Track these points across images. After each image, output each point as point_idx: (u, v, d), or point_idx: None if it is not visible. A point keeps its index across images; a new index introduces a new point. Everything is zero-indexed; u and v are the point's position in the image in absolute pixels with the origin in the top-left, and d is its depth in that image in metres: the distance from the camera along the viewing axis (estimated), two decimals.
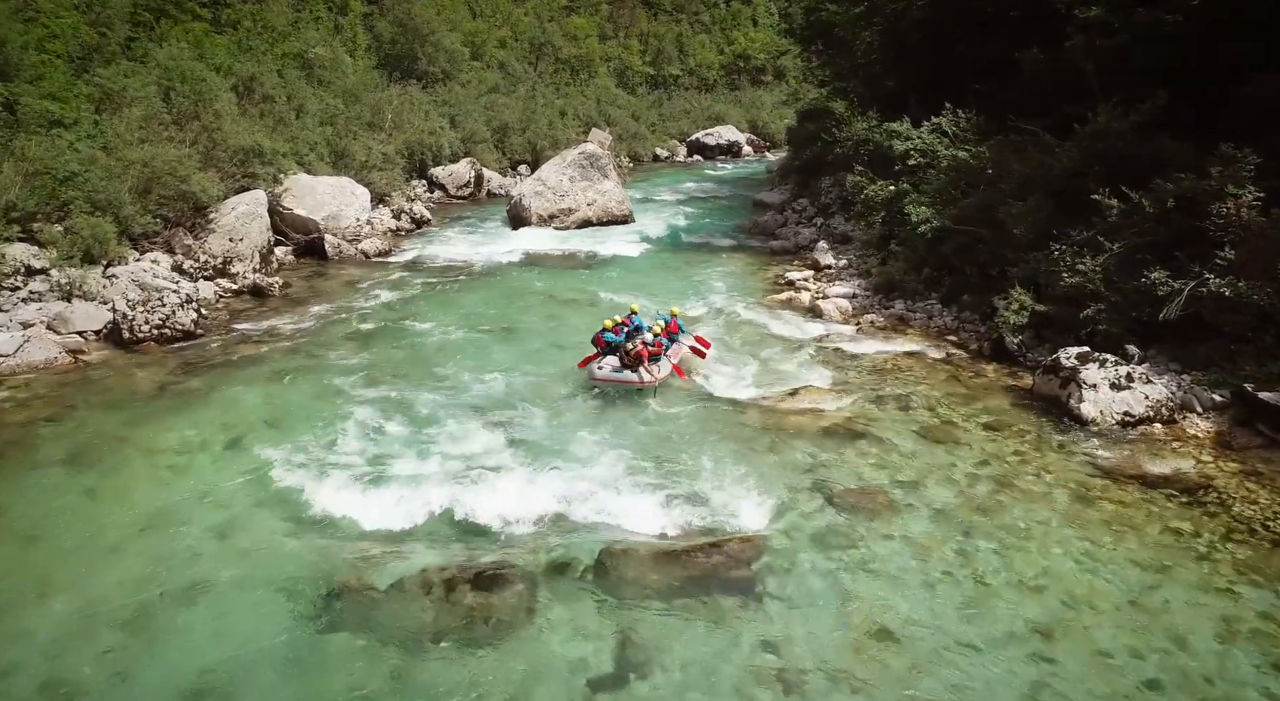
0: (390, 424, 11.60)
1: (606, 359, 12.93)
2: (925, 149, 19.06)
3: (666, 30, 62.29)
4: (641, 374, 12.49)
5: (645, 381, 12.55)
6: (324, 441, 11.02)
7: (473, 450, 10.79)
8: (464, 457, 10.56)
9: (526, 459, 10.59)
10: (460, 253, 23.58)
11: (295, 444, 10.95)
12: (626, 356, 12.62)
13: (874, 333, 15.77)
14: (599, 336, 13.26)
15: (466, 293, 19.31)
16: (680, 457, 10.73)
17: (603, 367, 12.78)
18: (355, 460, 10.50)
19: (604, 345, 13.14)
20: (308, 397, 12.77)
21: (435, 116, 36.47)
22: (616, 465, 10.44)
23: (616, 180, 28.93)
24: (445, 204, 32.93)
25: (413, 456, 10.57)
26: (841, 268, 20.49)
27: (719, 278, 20.65)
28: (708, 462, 10.52)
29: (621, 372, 12.64)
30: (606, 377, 12.73)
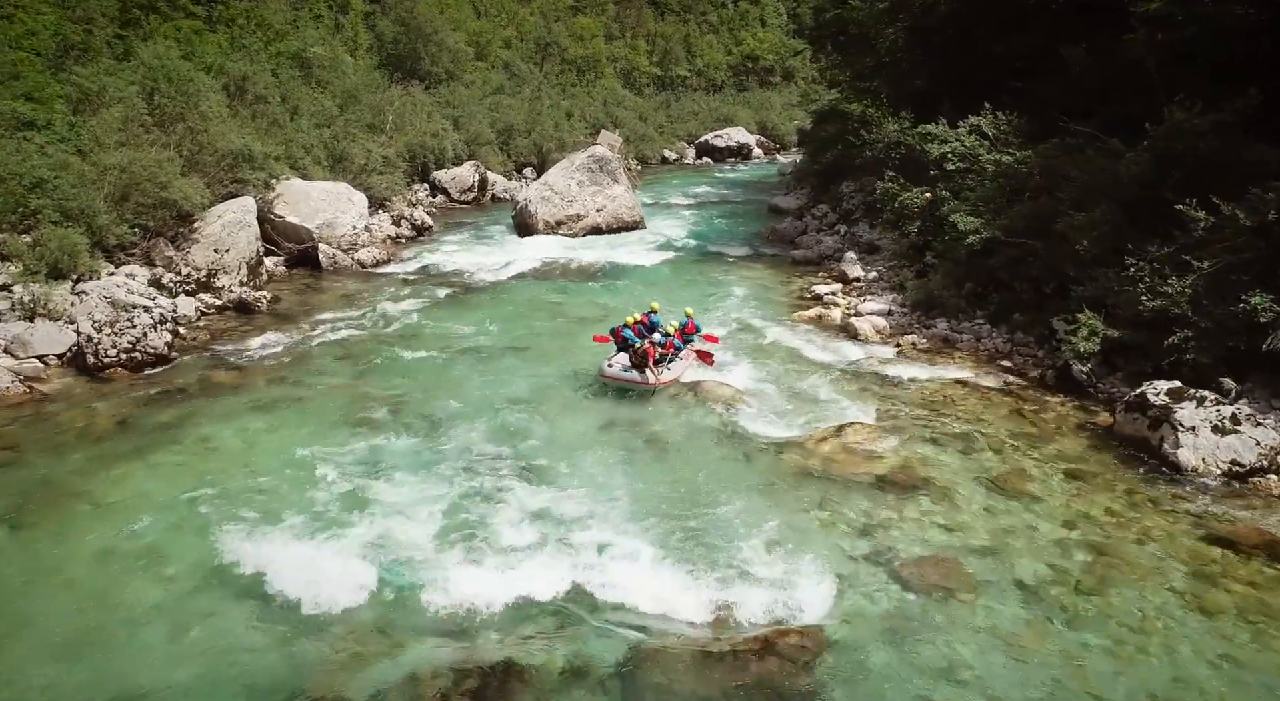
0: (379, 478, 9.90)
1: (618, 356, 12.79)
2: (964, 152, 17.38)
3: (674, 30, 60.58)
4: (648, 375, 12.29)
5: (650, 383, 12.32)
6: (301, 499, 9.34)
7: (473, 513, 9.11)
8: (462, 523, 8.89)
9: (535, 521, 8.94)
10: (463, 263, 21.93)
11: (267, 502, 9.31)
12: (634, 355, 12.38)
13: (917, 356, 14.09)
14: (618, 330, 13.11)
15: (468, 309, 17.67)
16: (715, 516, 9.07)
17: (613, 365, 12.63)
18: (336, 526, 8.82)
19: (621, 339, 12.95)
20: (287, 439, 11.11)
21: (438, 118, 34.85)
22: (641, 528, 8.78)
23: (627, 185, 27.28)
24: (448, 209, 31.30)
25: (403, 521, 8.89)
26: (871, 280, 18.82)
27: (740, 291, 18.98)
28: (747, 523, 8.87)
29: (629, 372, 12.41)
30: (615, 376, 12.53)
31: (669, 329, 13.30)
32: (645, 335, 12.91)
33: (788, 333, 15.69)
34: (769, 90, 63.34)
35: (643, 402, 12.44)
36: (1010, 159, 16.67)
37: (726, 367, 13.80)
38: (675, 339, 13.21)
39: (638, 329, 13.16)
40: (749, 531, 8.70)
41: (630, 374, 12.39)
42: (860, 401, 12.20)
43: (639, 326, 13.23)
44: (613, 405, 12.47)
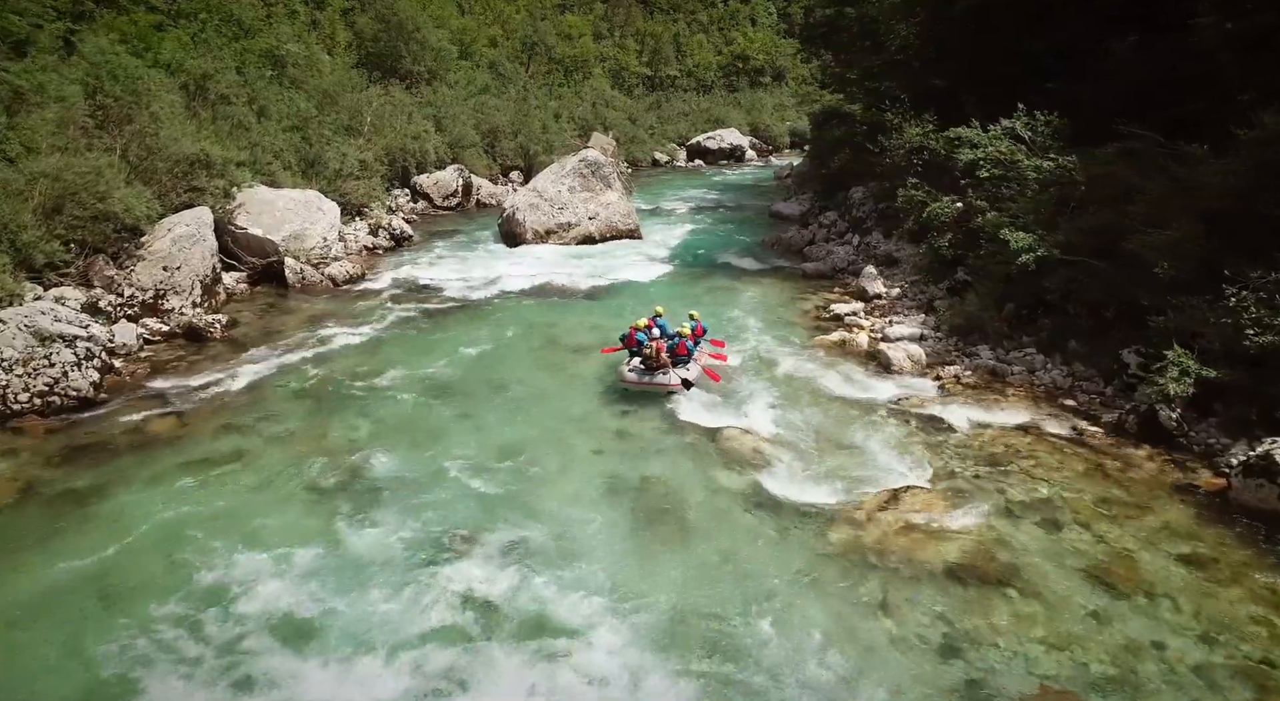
0: (328, 590, 7.80)
1: (634, 360, 12.45)
2: (999, 159, 15.44)
3: (663, 30, 58.51)
4: (670, 376, 12.06)
5: (671, 384, 12.03)
6: (224, 631, 7.22)
7: (450, 652, 7.03)
8: (439, 671, 6.81)
9: (518, 645, 6.90)
10: (444, 277, 19.81)
11: (186, 609, 7.25)
12: (647, 357, 12.14)
13: (964, 393, 12.11)
14: (630, 334, 12.75)
15: (449, 334, 15.56)
16: (747, 626, 7.06)
17: (632, 371, 12.27)
18: (273, 655, 6.77)
19: (634, 344, 12.63)
20: (223, 524, 8.94)
21: (419, 119, 32.69)
22: (655, 645, 6.76)
23: (621, 190, 25.21)
24: (430, 216, 29.15)
25: (352, 648, 6.82)
26: (895, 298, 16.85)
27: (750, 310, 16.95)
28: (791, 636, 6.88)
29: (648, 375, 12.14)
30: (636, 381, 12.21)
31: (684, 329, 12.81)
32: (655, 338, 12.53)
33: (809, 362, 13.67)
34: (760, 90, 61.37)
35: (653, 455, 10.43)
36: (1052, 165, 14.81)
37: (746, 407, 11.83)
38: (689, 341, 12.68)
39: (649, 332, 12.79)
40: (794, 649, 6.71)
41: (649, 377, 12.10)
42: (908, 454, 10.21)
43: (650, 330, 12.86)
44: (618, 457, 10.45)
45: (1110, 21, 16.36)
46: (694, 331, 13.11)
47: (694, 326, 13.23)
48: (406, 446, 10.62)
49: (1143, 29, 15.40)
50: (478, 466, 10.01)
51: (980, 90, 18.68)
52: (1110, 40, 15.92)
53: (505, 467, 10.04)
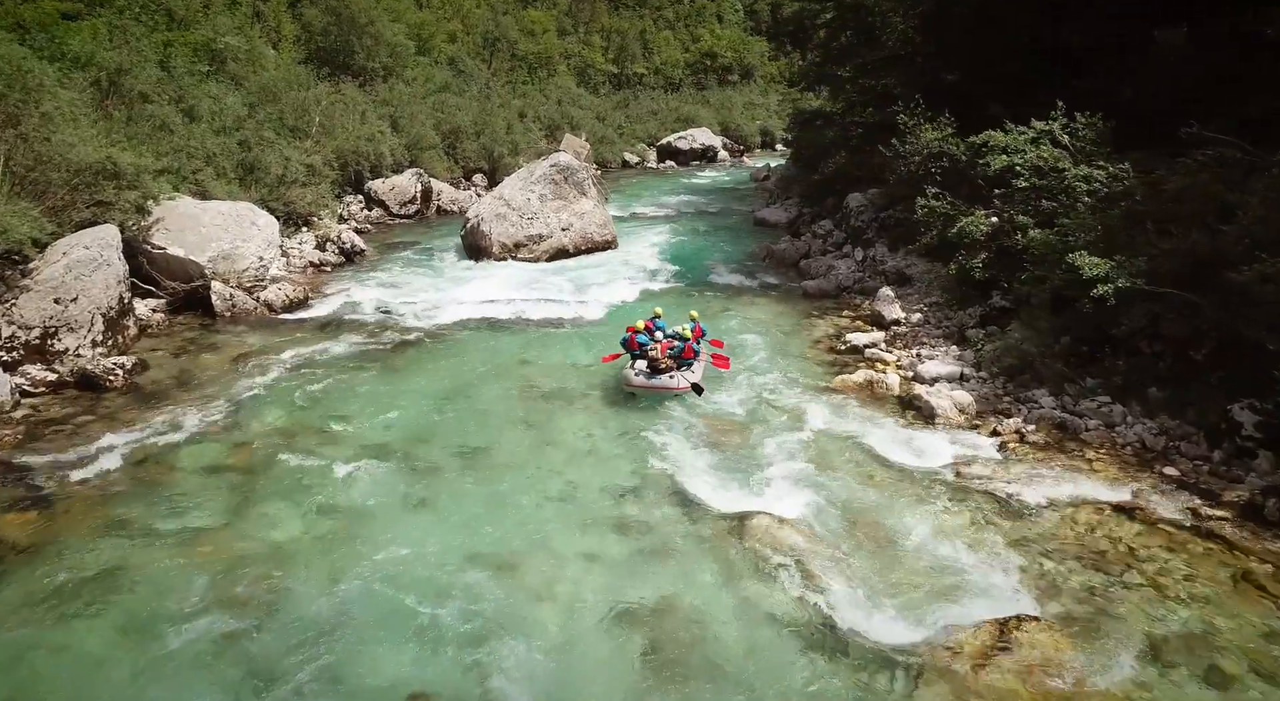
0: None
1: (638, 363, 11.77)
2: (1038, 166, 13.18)
3: (629, 26, 55.86)
4: (676, 379, 11.39)
5: (677, 388, 11.38)
6: None
7: None
8: None
9: None
10: (401, 301, 17.06)
11: None
12: (653, 359, 11.56)
13: (1031, 455, 9.75)
14: (631, 338, 12.00)
15: (405, 377, 12.87)
16: None
17: (638, 375, 11.55)
18: None
19: (636, 347, 11.89)
20: (89, 663, 6.32)
21: (374, 119, 29.74)
22: None
23: (597, 198, 22.62)
24: (386, 225, 26.28)
25: None
26: (916, 325, 14.55)
27: (752, 340, 14.51)
28: None
29: (656, 379, 11.46)
30: (643, 385, 11.51)
31: (685, 332, 12.14)
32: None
33: (835, 412, 11.25)
34: (728, 89, 59.01)
35: (664, 560, 7.93)
36: (1103, 174, 12.59)
37: (771, 479, 9.39)
38: (692, 341, 12.07)
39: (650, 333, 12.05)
40: None
41: (655, 380, 11.43)
42: (990, 554, 7.82)
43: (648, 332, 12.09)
44: (619, 564, 7.93)
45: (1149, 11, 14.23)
46: (693, 332, 12.35)
47: (693, 327, 12.48)
48: (345, 556, 7.97)
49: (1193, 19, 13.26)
50: (439, 588, 7.39)
51: (999, 88, 16.44)
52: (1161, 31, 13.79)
53: (474, 587, 7.44)
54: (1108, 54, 14.89)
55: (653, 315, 12.78)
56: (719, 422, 11.06)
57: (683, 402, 11.63)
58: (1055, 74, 15.79)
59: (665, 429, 10.81)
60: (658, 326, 12.28)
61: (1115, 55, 14.79)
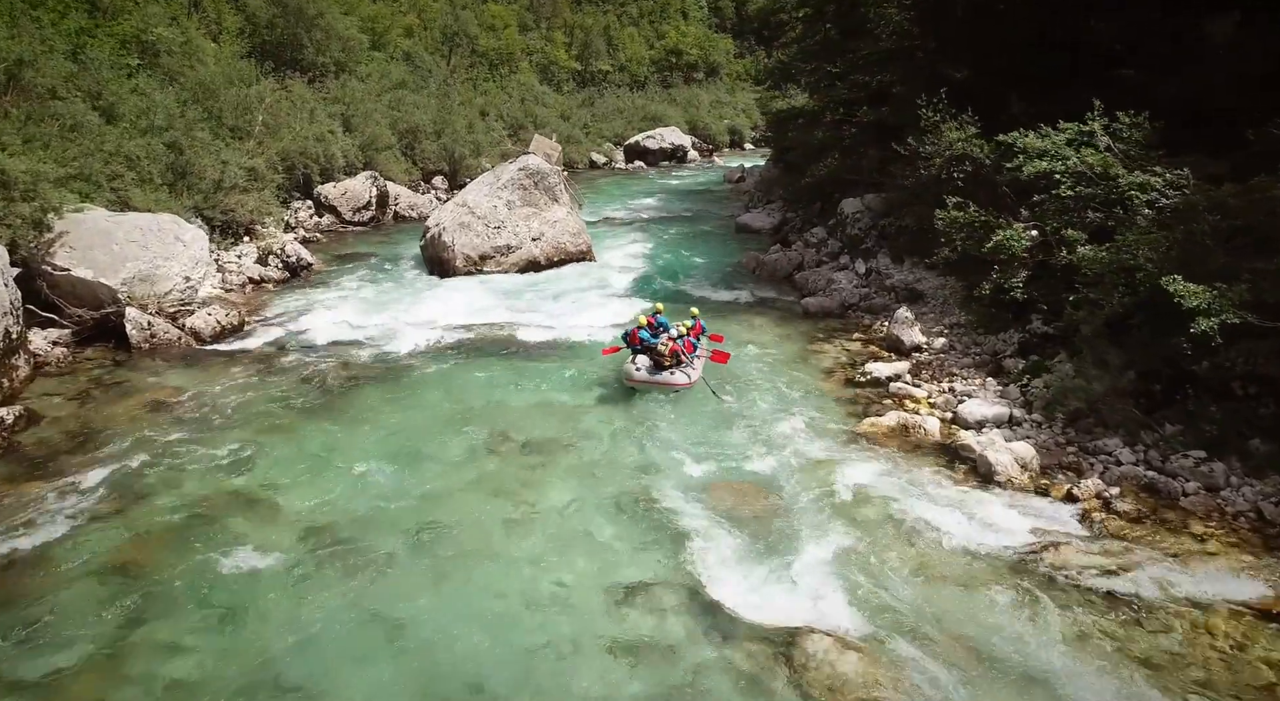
0: None
1: (639, 358, 11.45)
2: (1083, 172, 11.37)
3: (593, 22, 53.54)
4: (678, 375, 11.15)
5: (681, 383, 11.13)
6: None
7: None
8: None
9: None
10: (351, 326, 14.75)
11: None
12: (659, 355, 11.23)
13: (1125, 530, 7.88)
14: (634, 333, 11.69)
15: (352, 427, 10.61)
16: None
17: (640, 369, 11.27)
18: None
19: (638, 342, 11.57)
20: None
21: (324, 118, 27.19)
22: None
23: (570, 204, 20.44)
24: (338, 233, 23.81)
25: None
26: (941, 352, 12.68)
27: (755, 370, 12.54)
28: None
29: (659, 374, 11.20)
30: (645, 379, 11.24)
31: (682, 329, 11.94)
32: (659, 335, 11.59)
33: (869, 466, 9.30)
34: (694, 87, 57.01)
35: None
36: (1160, 182, 10.83)
37: (809, 568, 7.42)
38: (691, 337, 11.95)
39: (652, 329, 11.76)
40: None
41: (658, 376, 11.24)
42: (1121, 689, 5.94)
43: (654, 327, 11.81)
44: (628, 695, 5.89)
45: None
46: (692, 330, 12.18)
47: (693, 324, 12.34)
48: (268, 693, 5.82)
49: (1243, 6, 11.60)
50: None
51: (1017, 84, 14.65)
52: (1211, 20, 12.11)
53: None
54: (1144, 47, 13.18)
55: (654, 311, 12.53)
56: (736, 485, 9.05)
57: (690, 454, 9.63)
58: (1080, 69, 14.08)
59: (673, 493, 8.80)
60: (659, 323, 11.96)
61: (1153, 48, 13.09)
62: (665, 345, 11.26)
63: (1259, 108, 10.23)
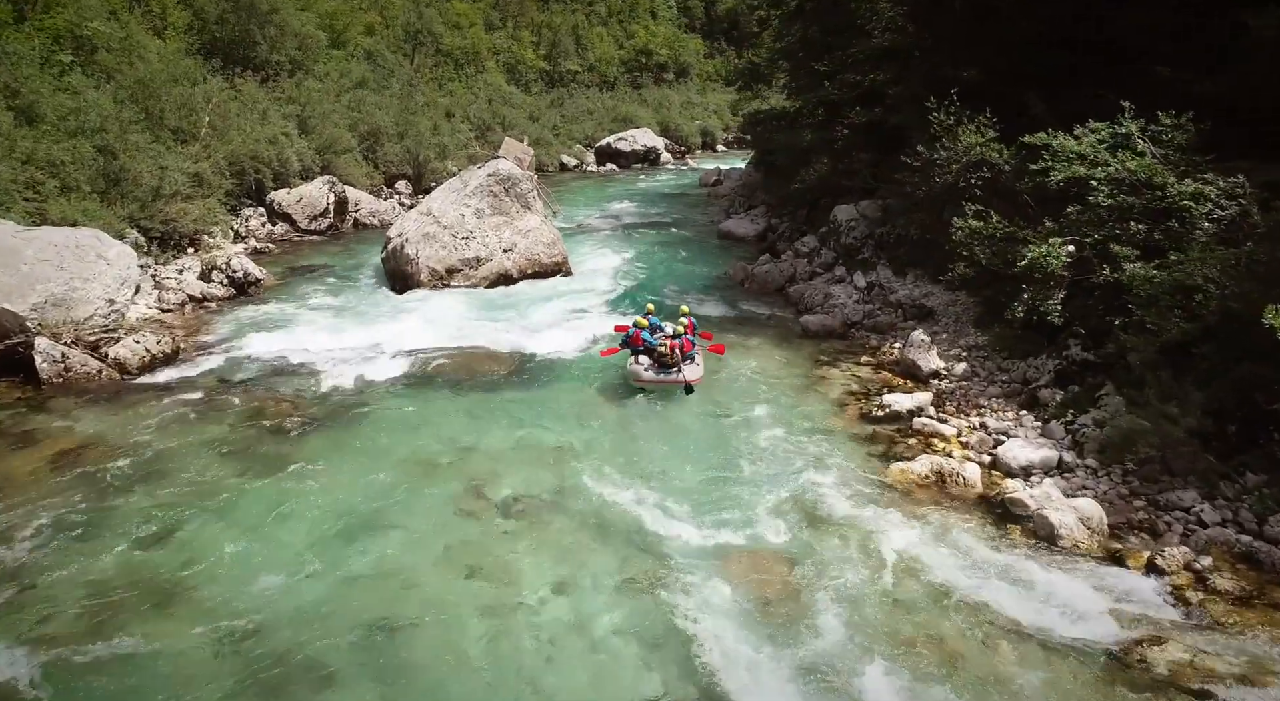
0: None
1: (641, 358, 11.31)
2: (1126, 179, 10.03)
3: (561, 21, 51.70)
4: (684, 372, 10.92)
5: (687, 380, 10.85)
6: None
7: None
8: None
9: None
10: (298, 354, 12.94)
11: None
12: (659, 355, 11.11)
13: (1229, 614, 6.50)
14: (636, 335, 11.51)
15: (295, 484, 8.88)
16: None
17: (647, 369, 11.12)
18: None
19: (640, 344, 11.41)
20: None
21: (278, 119, 25.18)
22: None
23: (544, 212, 18.79)
24: (293, 243, 21.88)
25: None
26: (963, 378, 11.29)
27: (754, 399, 11.07)
28: None
29: (667, 373, 11.02)
30: (653, 379, 11.06)
31: (679, 328, 11.70)
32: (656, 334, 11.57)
33: (908, 528, 7.85)
34: (665, 87, 55.45)
35: None
36: (1214, 191, 9.54)
37: (863, 676, 5.92)
38: (688, 335, 11.61)
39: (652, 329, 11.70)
40: None
41: (663, 375, 11.03)
42: None
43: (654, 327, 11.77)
44: None
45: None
46: (686, 327, 11.85)
47: (686, 322, 12.00)
48: None
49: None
50: None
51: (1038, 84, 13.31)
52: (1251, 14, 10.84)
53: None
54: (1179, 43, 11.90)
55: (646, 311, 12.48)
56: (755, 556, 7.53)
57: (697, 514, 8.10)
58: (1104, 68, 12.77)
59: (681, 570, 7.26)
60: (654, 323, 11.87)
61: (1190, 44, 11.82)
62: (664, 344, 11.11)
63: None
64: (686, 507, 8.31)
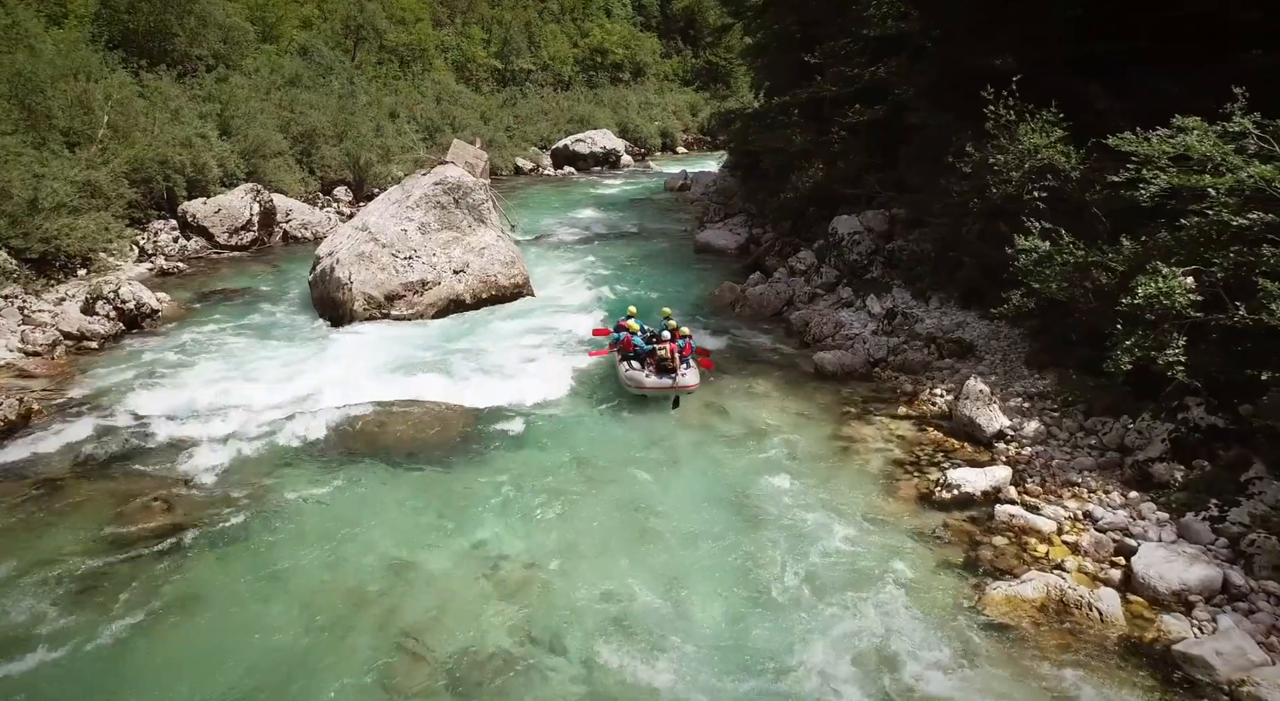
0: None
1: (634, 362, 10.48)
2: (1265, 189, 7.64)
3: (513, 17, 48.50)
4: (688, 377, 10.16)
5: (690, 385, 10.12)
6: None
7: None
8: None
9: None
10: (190, 418, 9.88)
11: None
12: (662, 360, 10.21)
13: None
14: (627, 340, 10.72)
15: (161, 641, 5.97)
16: None
17: (650, 375, 10.20)
18: None
19: (632, 349, 10.61)
20: None
21: (194, 119, 21.78)
22: None
23: (500, 226, 15.90)
24: (210, 262, 18.60)
25: None
26: (1035, 439, 8.79)
27: (768, 472, 8.45)
28: None
29: (669, 378, 10.12)
30: (657, 385, 10.12)
31: (682, 331, 10.75)
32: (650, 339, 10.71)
33: None
34: (621, 87, 52.57)
35: None
36: None
37: None
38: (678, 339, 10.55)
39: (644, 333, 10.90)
40: None
41: (665, 380, 10.12)
42: None
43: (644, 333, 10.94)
44: None
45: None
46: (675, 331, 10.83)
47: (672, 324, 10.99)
48: None
49: None
50: None
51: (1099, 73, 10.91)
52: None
53: None
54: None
55: (628, 315, 11.58)
56: None
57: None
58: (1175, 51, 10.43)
59: None
60: (640, 326, 11.09)
61: None
62: (665, 348, 10.25)
63: None
64: (713, 682, 5.63)
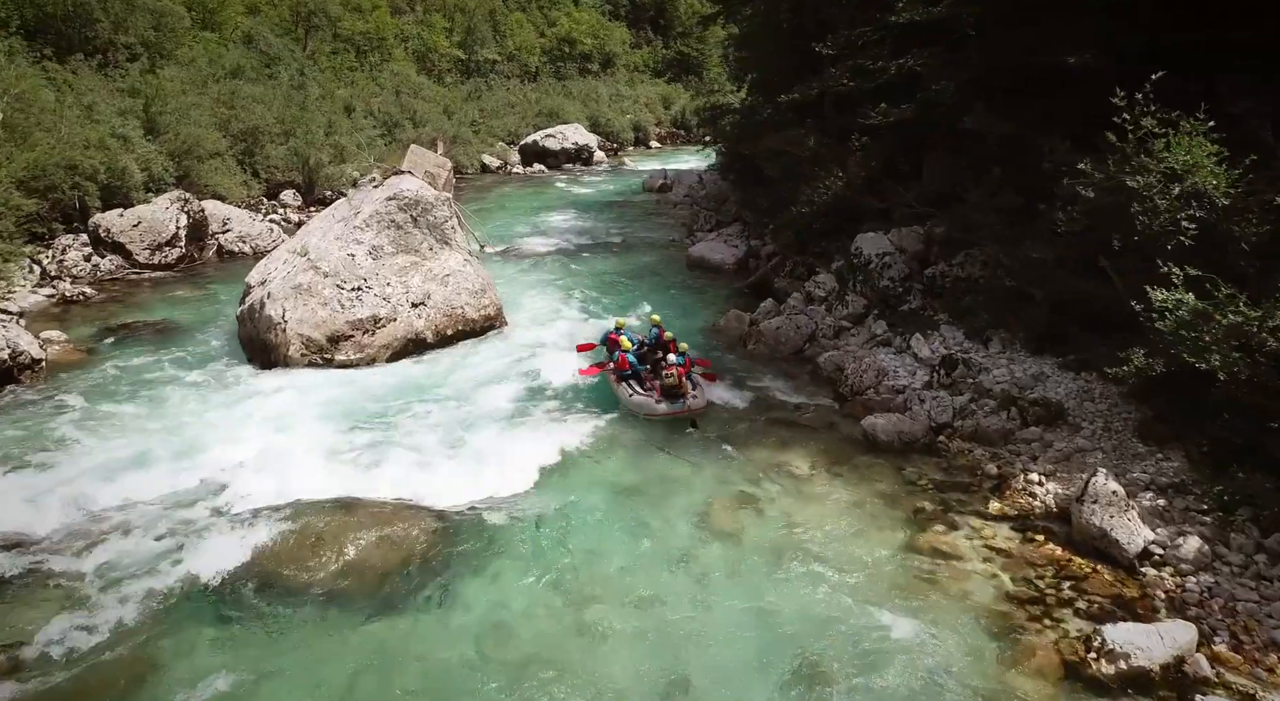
0: None
1: (633, 383, 9.74)
2: None
3: (476, 5, 45.27)
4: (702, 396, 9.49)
5: (699, 408, 9.37)
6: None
7: None
8: None
9: None
10: (57, 529, 7.22)
11: None
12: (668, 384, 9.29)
13: None
14: (623, 358, 9.88)
15: None
16: None
17: (661, 402, 9.32)
18: None
19: (627, 367, 9.83)
20: None
21: (111, 116, 18.68)
22: None
23: (466, 247, 13.24)
24: (127, 284, 15.65)
25: None
26: (1197, 562, 6.48)
27: (840, 622, 6.06)
28: None
29: (681, 403, 9.28)
30: (669, 412, 9.29)
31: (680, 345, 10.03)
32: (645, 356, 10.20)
33: None
34: (591, 78, 49.66)
35: None
36: None
37: None
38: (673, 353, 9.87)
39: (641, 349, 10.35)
40: None
41: (678, 405, 9.29)
42: None
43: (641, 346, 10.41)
44: None
45: None
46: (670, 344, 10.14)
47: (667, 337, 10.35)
48: None
49: None
50: None
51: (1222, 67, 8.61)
52: None
53: None
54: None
55: (617, 328, 10.62)
56: None
57: None
58: None
59: None
60: (633, 340, 10.20)
61: None
62: (672, 375, 9.33)
63: None
64: None
